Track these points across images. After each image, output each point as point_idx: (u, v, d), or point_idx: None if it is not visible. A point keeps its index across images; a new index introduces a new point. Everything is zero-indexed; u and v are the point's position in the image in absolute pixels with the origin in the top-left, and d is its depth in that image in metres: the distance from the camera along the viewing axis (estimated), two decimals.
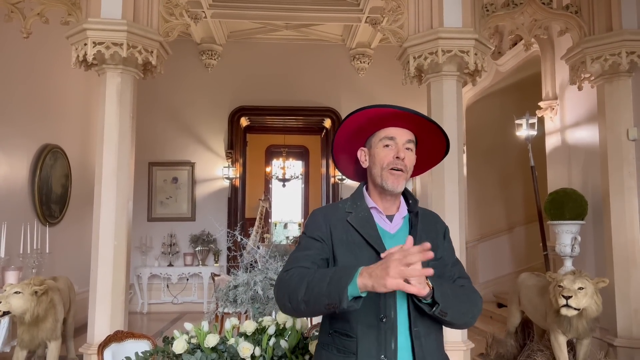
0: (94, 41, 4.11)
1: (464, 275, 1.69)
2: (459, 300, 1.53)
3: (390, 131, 1.64)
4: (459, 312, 1.53)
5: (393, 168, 1.60)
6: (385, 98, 8.81)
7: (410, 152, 1.65)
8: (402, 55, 4.62)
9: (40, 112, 6.20)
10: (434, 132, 1.67)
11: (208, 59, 8.71)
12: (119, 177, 4.23)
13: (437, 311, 1.46)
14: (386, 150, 1.63)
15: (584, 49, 4.66)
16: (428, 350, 1.52)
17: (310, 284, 1.41)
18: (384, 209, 1.65)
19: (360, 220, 1.61)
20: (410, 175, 1.68)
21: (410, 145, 1.65)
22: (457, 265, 1.69)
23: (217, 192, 8.80)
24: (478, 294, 1.64)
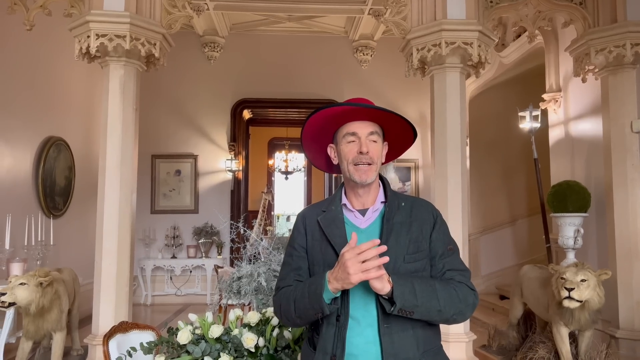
0: (97, 33, 4.12)
1: (456, 267, 1.62)
2: (429, 297, 1.48)
3: (352, 126, 1.65)
4: (432, 310, 1.49)
5: (357, 163, 1.61)
6: (388, 90, 8.80)
7: (375, 143, 1.65)
8: (405, 47, 4.61)
9: (43, 104, 6.21)
10: (395, 119, 1.68)
11: (210, 51, 8.69)
12: (122, 169, 4.25)
13: (394, 310, 1.44)
14: (350, 145, 1.64)
15: (588, 41, 4.64)
16: (401, 347, 1.50)
17: (296, 302, 1.58)
18: (361, 204, 1.66)
19: (327, 220, 1.65)
20: (383, 162, 1.71)
21: (374, 137, 1.65)
22: (448, 256, 1.63)
23: (220, 185, 8.81)
24: (467, 287, 1.58)
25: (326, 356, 1.54)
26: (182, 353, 2.19)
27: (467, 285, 1.59)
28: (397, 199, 1.66)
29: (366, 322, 1.53)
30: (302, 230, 1.71)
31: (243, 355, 2.16)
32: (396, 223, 1.60)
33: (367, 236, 1.58)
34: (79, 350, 5.07)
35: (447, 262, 1.62)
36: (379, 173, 1.68)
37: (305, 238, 1.69)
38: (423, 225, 1.62)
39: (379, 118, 1.67)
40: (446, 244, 1.64)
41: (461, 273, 1.62)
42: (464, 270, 1.63)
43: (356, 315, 1.53)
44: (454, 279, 1.59)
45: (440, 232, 1.64)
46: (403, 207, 1.64)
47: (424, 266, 1.59)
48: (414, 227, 1.61)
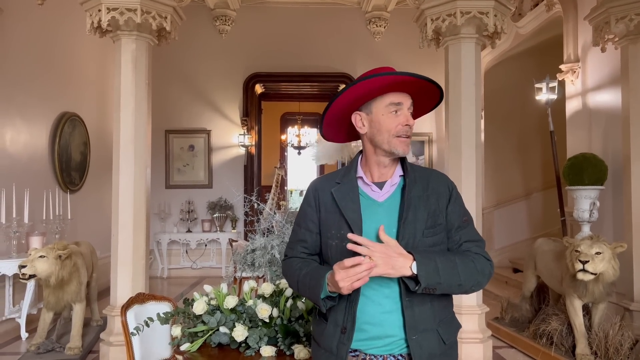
0: (107, 7, 4.09)
1: (473, 238, 1.63)
2: (451, 273, 1.49)
3: (397, 97, 1.59)
4: (453, 285, 1.50)
5: (401, 135, 1.57)
6: (402, 62, 8.65)
7: (411, 111, 1.63)
8: (420, 17, 4.51)
9: (57, 80, 6.24)
10: (428, 91, 1.63)
11: (222, 25, 8.61)
12: (136, 143, 4.27)
13: (419, 290, 1.46)
14: (393, 117, 1.58)
15: (608, 9, 4.49)
16: (421, 319, 1.53)
17: (299, 286, 1.64)
18: (379, 176, 1.63)
19: (341, 192, 1.62)
20: None
21: (412, 108, 1.63)
22: (464, 228, 1.62)
23: (233, 160, 8.84)
24: (484, 258, 1.59)
25: (337, 328, 1.56)
26: (198, 323, 2.24)
27: (483, 256, 1.60)
28: (415, 172, 1.63)
29: (382, 294, 1.53)
30: (312, 203, 1.68)
31: (257, 326, 2.19)
32: (414, 197, 1.58)
33: (385, 210, 1.58)
34: (99, 320, 5.20)
35: (464, 233, 1.61)
36: None
37: (315, 212, 1.67)
38: (440, 198, 1.61)
39: (414, 89, 1.61)
40: (462, 215, 1.63)
41: (477, 244, 1.62)
42: (479, 240, 1.64)
43: (367, 293, 1.53)
44: (470, 250, 1.59)
45: (456, 205, 1.63)
46: (420, 180, 1.62)
47: (441, 239, 1.59)
48: (431, 201, 1.59)
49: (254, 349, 2.11)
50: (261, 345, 2.11)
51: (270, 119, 13.20)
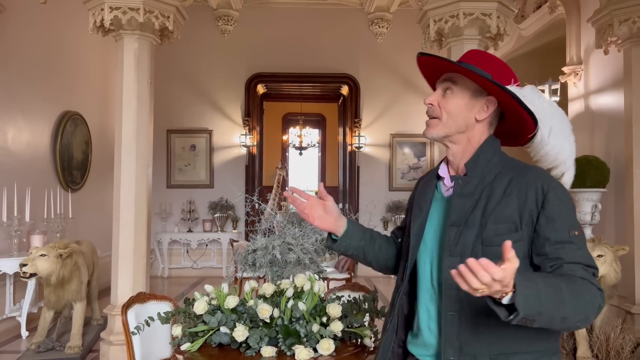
0: (110, 6, 4.09)
1: (581, 260, 1.25)
2: (556, 302, 1.14)
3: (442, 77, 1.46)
4: (556, 318, 1.16)
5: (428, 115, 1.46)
6: (405, 63, 8.66)
7: (449, 93, 1.41)
8: (422, 18, 4.51)
9: (59, 79, 6.24)
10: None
11: (224, 25, 8.61)
12: (138, 142, 4.27)
13: (515, 320, 1.10)
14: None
15: (611, 11, 4.48)
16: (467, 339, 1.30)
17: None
18: (454, 169, 1.47)
19: (423, 185, 1.54)
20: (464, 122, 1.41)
21: (447, 85, 1.42)
22: (568, 244, 1.26)
23: (235, 160, 8.85)
24: (595, 287, 1.22)
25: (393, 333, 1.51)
26: (199, 323, 2.23)
27: (593, 284, 1.23)
28: (484, 168, 1.39)
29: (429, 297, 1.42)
30: (413, 193, 1.60)
31: (258, 326, 2.19)
32: (468, 195, 1.37)
33: (446, 207, 1.43)
34: (99, 320, 5.20)
35: (567, 252, 1.26)
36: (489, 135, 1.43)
37: (411, 201, 1.60)
38: (524, 201, 1.30)
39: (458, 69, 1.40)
40: (565, 228, 1.28)
41: (585, 268, 1.25)
42: (589, 266, 1.27)
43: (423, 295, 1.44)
44: (575, 274, 1.23)
45: (554, 212, 1.28)
46: (492, 175, 1.37)
47: (522, 253, 1.27)
48: (510, 202, 1.31)
49: (254, 349, 2.11)
50: (262, 345, 2.10)
51: (272, 119, 13.21)
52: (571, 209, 1.32)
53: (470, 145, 1.43)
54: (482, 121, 1.42)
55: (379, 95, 8.91)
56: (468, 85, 1.40)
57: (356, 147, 8.95)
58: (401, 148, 8.95)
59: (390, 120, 8.93)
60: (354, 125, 8.97)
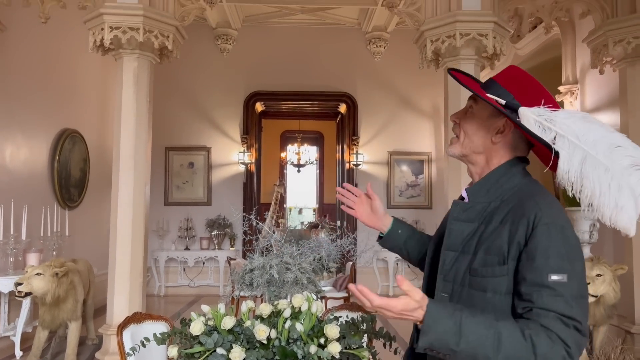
0: (110, 26, 4.13)
1: (550, 307, 1.09)
2: (482, 344, 1.07)
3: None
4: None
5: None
6: (402, 82, 8.73)
7: (469, 113, 1.37)
8: (419, 38, 4.56)
9: (58, 96, 6.27)
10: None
11: (223, 44, 8.69)
12: (136, 160, 4.28)
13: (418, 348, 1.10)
14: None
15: (606, 32, 4.54)
16: None
17: None
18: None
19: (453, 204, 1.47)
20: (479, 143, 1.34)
21: (469, 104, 1.38)
22: (542, 289, 1.11)
23: (233, 177, 8.85)
24: (558, 345, 1.07)
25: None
26: (195, 344, 2.20)
27: (561, 338, 1.07)
28: (490, 194, 1.30)
29: None
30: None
31: (255, 347, 2.16)
32: (465, 222, 1.30)
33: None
34: (94, 339, 5.14)
35: (541, 297, 1.11)
36: (510, 159, 1.33)
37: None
38: (512, 233, 1.19)
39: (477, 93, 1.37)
40: (546, 269, 1.12)
41: (561, 319, 1.09)
42: (569, 317, 1.09)
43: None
44: (539, 321, 1.09)
45: (537, 249, 1.14)
46: (489, 199, 1.30)
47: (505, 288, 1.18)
48: (497, 233, 1.22)
49: None
50: None
51: (270, 136, 13.25)
52: (562, 249, 1.13)
53: (488, 167, 1.36)
54: (499, 143, 1.34)
55: (377, 113, 8.96)
56: (485, 106, 1.34)
57: (354, 165, 8.97)
58: (399, 166, 8.97)
59: (387, 138, 8.96)
60: (352, 142, 9.00)
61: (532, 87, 1.35)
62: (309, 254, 3.03)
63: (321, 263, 3.05)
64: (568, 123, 1.23)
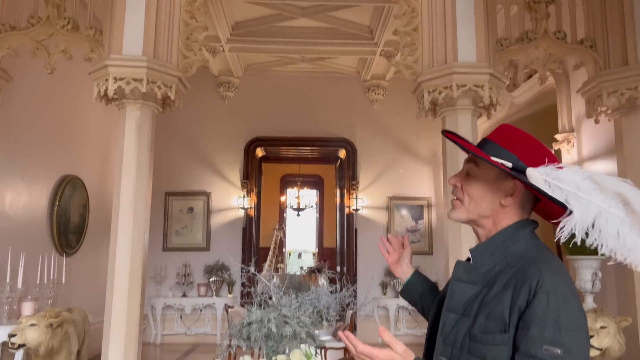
0: (115, 77, 4.21)
1: None
2: None
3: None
4: None
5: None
6: (400, 128, 8.85)
7: (470, 177, 1.34)
8: (417, 89, 4.65)
9: (61, 143, 6.34)
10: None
11: (225, 91, 8.86)
12: (136, 209, 4.28)
13: None
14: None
15: (599, 83, 4.63)
16: None
17: None
18: None
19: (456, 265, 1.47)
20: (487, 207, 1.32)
21: (469, 167, 1.35)
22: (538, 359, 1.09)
23: (232, 222, 8.82)
24: None
25: None
26: None
27: None
28: (496, 257, 1.28)
29: None
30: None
31: None
32: (468, 284, 1.28)
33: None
34: None
35: None
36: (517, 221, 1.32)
37: None
38: (514, 299, 1.16)
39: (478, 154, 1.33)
40: (541, 341, 1.08)
41: None
42: None
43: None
44: None
45: (534, 318, 1.11)
46: (501, 267, 1.26)
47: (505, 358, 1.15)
48: (499, 298, 1.19)
49: None
50: None
51: (270, 180, 13.32)
52: (561, 320, 1.09)
53: (495, 229, 1.32)
54: (508, 206, 1.32)
55: (376, 159, 9.04)
56: (490, 169, 1.31)
57: (354, 210, 8.97)
58: (399, 210, 8.97)
59: (387, 183, 9.01)
60: (352, 187, 9.04)
61: (532, 146, 1.35)
62: (308, 307, 2.99)
63: (320, 315, 3.00)
64: (577, 181, 1.24)
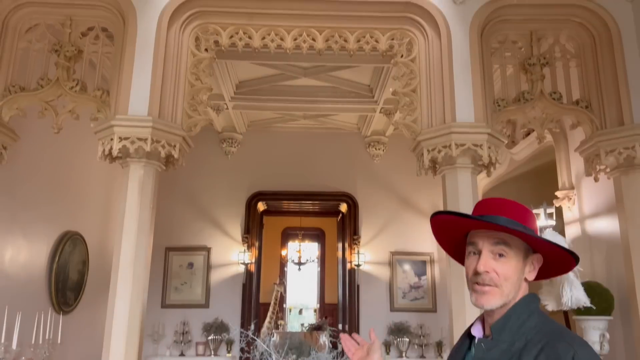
0: (119, 136, 4.29)
1: None
2: None
3: (474, 235, 1.36)
4: None
5: (476, 282, 1.34)
6: (401, 183, 8.90)
7: (504, 258, 1.32)
8: (416, 147, 4.72)
9: (63, 198, 6.35)
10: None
11: (228, 147, 8.99)
12: (135, 268, 4.24)
13: None
14: (470, 259, 1.37)
15: (597, 142, 4.68)
16: None
17: None
18: (488, 328, 1.38)
19: (453, 348, 1.46)
20: (534, 279, 1.37)
21: (501, 249, 1.32)
22: None
23: (232, 278, 8.72)
24: None
25: None
26: None
27: None
28: (514, 332, 1.29)
29: None
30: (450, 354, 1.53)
31: None
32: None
33: None
34: None
35: None
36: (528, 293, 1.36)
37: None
38: None
39: (506, 231, 1.33)
40: None
41: None
42: None
43: None
44: None
45: None
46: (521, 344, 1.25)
47: None
48: None
49: None
50: None
51: (271, 233, 13.25)
52: None
53: (510, 304, 1.34)
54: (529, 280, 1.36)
55: (378, 213, 9.03)
56: (519, 245, 1.33)
57: (355, 265, 8.87)
58: (401, 266, 8.87)
59: (389, 238, 8.95)
60: (353, 242, 8.99)
61: (524, 211, 1.40)
62: None
63: None
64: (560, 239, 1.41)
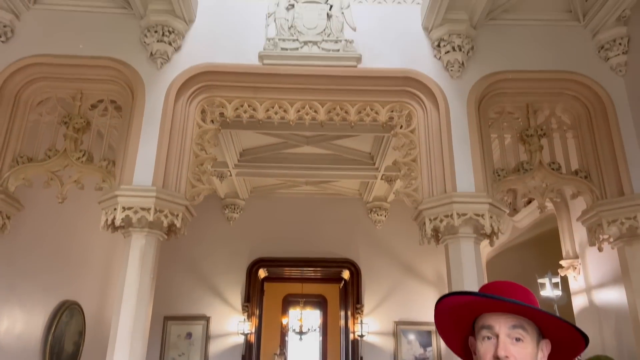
0: (123, 206, 4.31)
1: None
2: None
3: (488, 318, 1.35)
4: None
5: None
6: (404, 249, 8.82)
7: (521, 343, 1.32)
8: (418, 216, 4.72)
9: (62, 267, 6.28)
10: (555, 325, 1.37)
11: (230, 213, 9.00)
12: (133, 339, 4.13)
13: None
14: (485, 344, 1.34)
15: (598, 212, 4.65)
16: None
17: None
18: None
19: None
20: None
21: (518, 332, 1.33)
22: None
23: (231, 349, 8.45)
24: None
25: None
26: None
27: None
28: None
29: None
30: None
31: None
32: None
33: None
34: None
35: None
36: None
37: None
38: None
39: (527, 311, 1.34)
40: None
41: None
42: None
43: None
44: None
45: None
46: None
47: None
48: None
49: None
50: None
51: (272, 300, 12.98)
52: None
53: None
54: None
55: (381, 280, 8.89)
56: (534, 330, 1.35)
57: (359, 336, 8.62)
58: (406, 336, 8.61)
59: (393, 307, 8.76)
60: (356, 311, 8.78)
61: (528, 293, 1.40)
62: None
63: None
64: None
